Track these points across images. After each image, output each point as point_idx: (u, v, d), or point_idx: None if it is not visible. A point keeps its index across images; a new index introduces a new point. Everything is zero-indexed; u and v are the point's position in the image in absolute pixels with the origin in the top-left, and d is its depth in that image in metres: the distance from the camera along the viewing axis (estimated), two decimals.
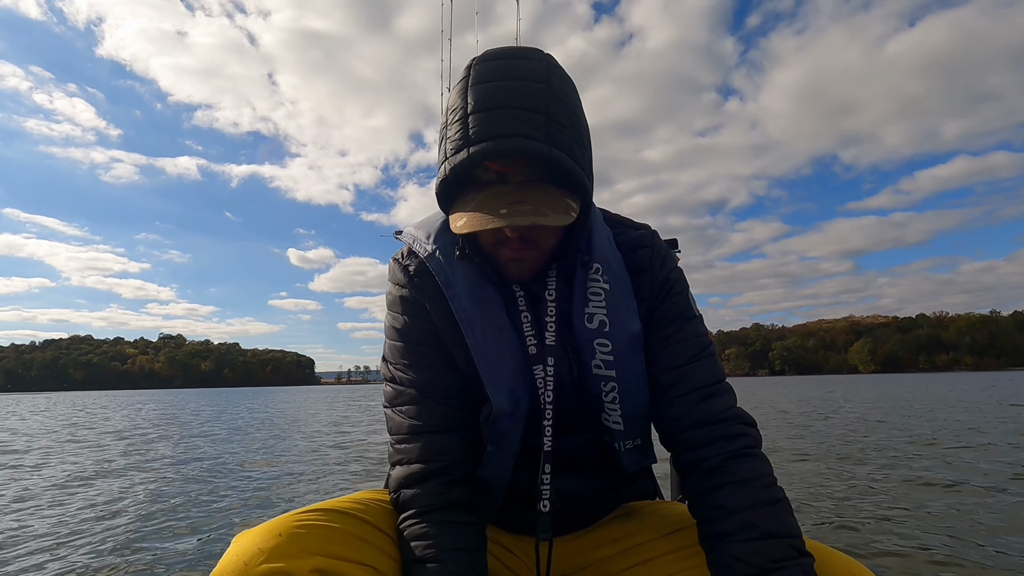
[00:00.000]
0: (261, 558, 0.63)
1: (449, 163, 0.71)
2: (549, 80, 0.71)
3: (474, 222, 0.69)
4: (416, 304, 0.83)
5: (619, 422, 0.83)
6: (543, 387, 0.81)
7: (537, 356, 0.82)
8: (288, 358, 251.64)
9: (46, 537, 3.00)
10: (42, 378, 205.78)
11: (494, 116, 0.68)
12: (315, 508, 0.72)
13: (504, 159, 0.70)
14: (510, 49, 0.75)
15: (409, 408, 0.81)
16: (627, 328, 0.81)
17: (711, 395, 0.79)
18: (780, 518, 0.70)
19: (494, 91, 0.70)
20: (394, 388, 0.84)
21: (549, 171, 0.71)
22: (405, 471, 0.79)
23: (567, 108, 0.72)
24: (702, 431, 0.78)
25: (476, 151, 0.68)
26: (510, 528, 0.92)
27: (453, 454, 0.79)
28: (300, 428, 10.31)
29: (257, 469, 5.39)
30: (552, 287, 0.83)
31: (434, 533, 0.73)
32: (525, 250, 0.76)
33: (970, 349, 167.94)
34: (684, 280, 0.88)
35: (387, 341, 0.86)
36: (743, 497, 0.71)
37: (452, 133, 0.71)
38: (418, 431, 0.80)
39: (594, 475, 0.90)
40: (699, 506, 0.75)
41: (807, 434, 7.15)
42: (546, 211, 0.68)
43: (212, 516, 3.43)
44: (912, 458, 4.94)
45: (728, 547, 0.69)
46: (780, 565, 0.65)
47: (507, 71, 0.71)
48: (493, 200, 0.70)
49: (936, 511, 3.09)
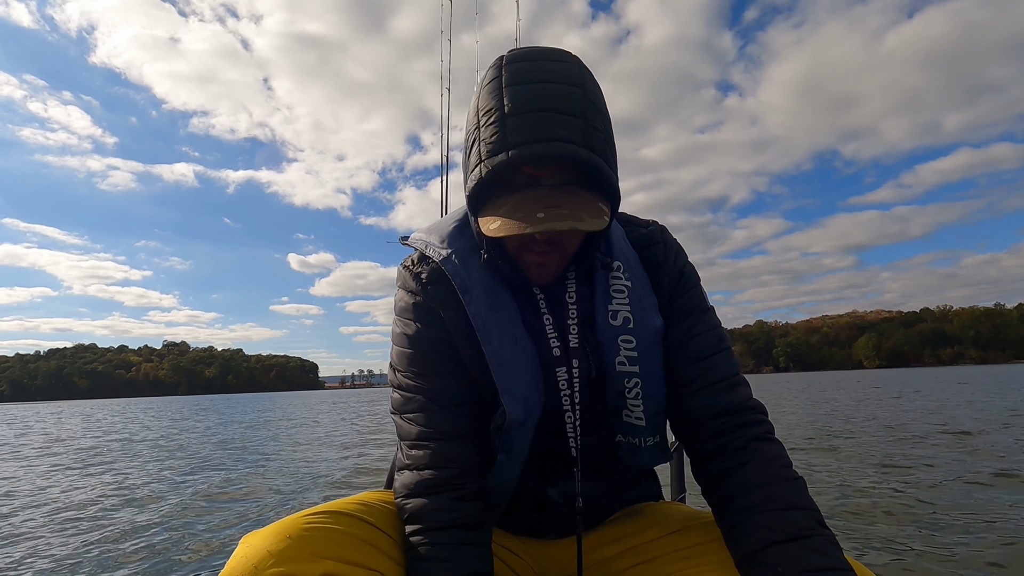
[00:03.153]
0: (270, 561, 0.63)
1: (486, 165, 0.70)
2: (584, 84, 0.72)
3: (510, 226, 0.69)
4: (429, 311, 0.82)
5: (641, 418, 0.83)
6: (568, 389, 0.82)
7: (561, 358, 0.82)
8: (292, 363, 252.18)
9: (48, 538, 3.02)
10: (47, 387, 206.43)
11: (534, 119, 0.68)
12: (322, 510, 0.72)
13: (543, 163, 0.70)
14: (541, 50, 0.75)
15: (418, 415, 0.81)
16: (651, 324, 0.83)
17: (734, 386, 0.81)
18: (802, 493, 0.72)
19: (531, 93, 0.70)
20: (402, 395, 0.83)
21: (582, 175, 0.72)
22: (415, 477, 0.78)
23: (601, 112, 0.73)
24: (727, 419, 0.79)
25: (516, 154, 0.68)
26: (514, 530, 0.92)
27: (463, 462, 0.79)
28: (304, 429, 10.37)
29: (265, 469, 5.39)
30: (572, 289, 0.83)
31: (446, 556, 0.73)
32: (551, 254, 0.77)
33: (975, 342, 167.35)
34: (696, 273, 0.90)
35: (395, 348, 0.85)
36: (767, 473, 0.73)
37: (488, 135, 0.71)
38: (429, 437, 0.79)
39: (602, 477, 0.91)
40: (721, 486, 0.76)
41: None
42: (582, 215, 0.68)
43: (218, 516, 3.44)
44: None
45: (756, 517, 0.69)
46: (807, 532, 0.67)
47: (543, 73, 0.71)
48: (529, 203, 0.69)
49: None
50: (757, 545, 0.68)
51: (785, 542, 0.66)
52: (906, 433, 6.54)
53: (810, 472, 4.30)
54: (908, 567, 2.24)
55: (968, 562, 2.26)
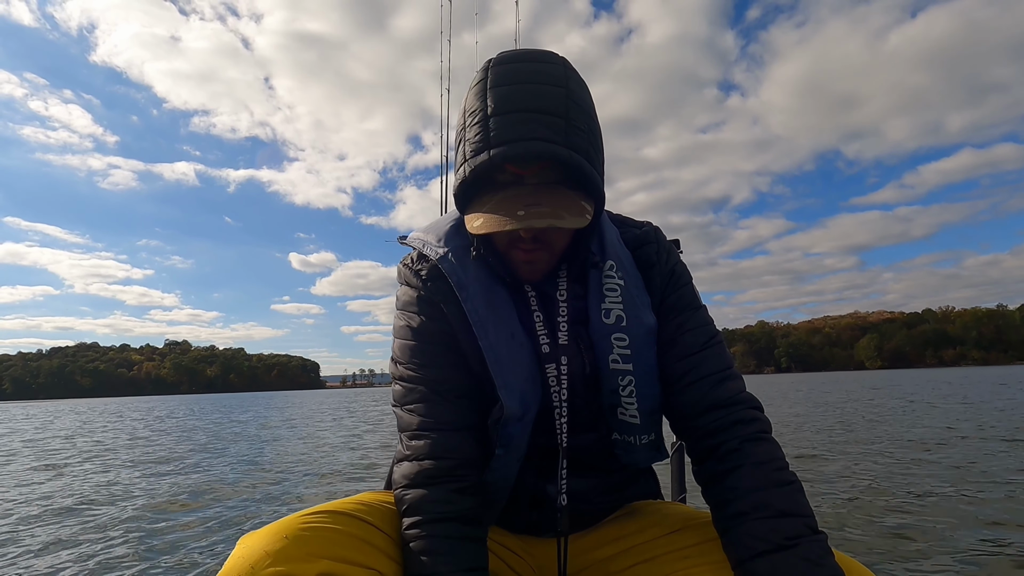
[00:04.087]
0: (267, 561, 0.63)
1: (469, 164, 0.73)
2: (567, 84, 0.74)
3: (491, 223, 0.71)
4: (433, 304, 0.83)
5: (636, 416, 0.84)
6: (556, 385, 0.83)
7: (550, 355, 0.83)
8: (293, 362, 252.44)
9: (49, 538, 3.02)
10: (49, 386, 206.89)
11: (515, 119, 0.70)
12: (320, 510, 0.72)
13: (524, 162, 0.72)
14: (527, 52, 0.77)
15: (419, 406, 0.81)
16: (643, 322, 0.83)
17: (724, 379, 0.81)
18: (793, 498, 0.71)
19: (514, 94, 0.72)
20: (404, 386, 0.83)
21: (565, 174, 0.73)
22: (414, 467, 0.78)
23: (584, 112, 0.74)
24: (718, 414, 0.79)
25: (497, 153, 0.70)
26: (513, 529, 0.92)
27: (464, 453, 0.79)
28: (304, 429, 10.35)
29: (263, 469, 5.39)
30: (563, 287, 0.84)
31: (445, 549, 0.72)
32: (538, 251, 0.78)
33: (977, 343, 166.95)
34: (688, 272, 0.91)
35: (397, 341, 0.86)
36: (757, 478, 0.73)
37: (472, 135, 0.73)
38: (429, 428, 0.80)
39: (600, 475, 0.92)
40: (715, 489, 0.76)
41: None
42: (563, 213, 0.70)
43: (216, 516, 3.43)
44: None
45: (744, 526, 0.70)
46: (795, 541, 0.66)
47: (526, 74, 0.73)
48: (510, 202, 0.71)
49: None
50: (746, 554, 0.68)
51: (772, 552, 0.67)
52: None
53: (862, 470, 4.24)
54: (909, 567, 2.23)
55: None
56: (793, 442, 6.15)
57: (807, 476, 4.15)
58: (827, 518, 2.97)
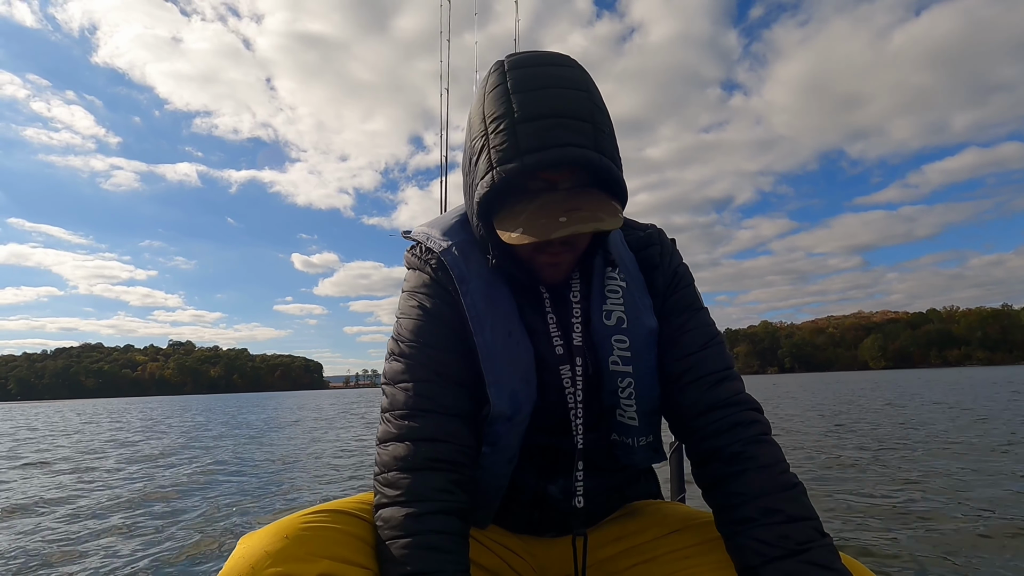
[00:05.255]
0: (268, 561, 0.63)
1: (499, 171, 0.71)
2: (589, 88, 0.74)
3: (535, 231, 0.70)
4: (443, 288, 0.83)
5: (634, 418, 0.84)
6: (571, 387, 0.83)
7: (564, 356, 0.83)
8: (296, 363, 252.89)
9: (50, 538, 3.03)
10: (54, 386, 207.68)
11: (546, 125, 0.70)
12: (320, 509, 0.71)
13: (558, 168, 0.71)
14: (543, 55, 0.76)
15: (419, 384, 0.78)
16: (644, 324, 0.84)
17: (723, 380, 0.81)
18: (800, 502, 0.71)
19: (541, 99, 0.71)
20: (403, 363, 0.80)
21: (594, 177, 0.74)
22: (406, 449, 0.75)
23: (606, 115, 0.74)
24: (717, 415, 0.79)
25: (531, 160, 0.69)
26: (514, 529, 0.92)
27: (463, 441, 0.77)
28: (304, 429, 10.38)
29: (265, 469, 5.41)
30: (576, 288, 0.85)
31: (451, 546, 0.71)
32: (565, 253, 0.78)
33: (982, 343, 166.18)
34: (690, 273, 0.91)
35: (403, 320, 0.84)
36: (764, 482, 0.72)
37: (498, 141, 0.71)
38: (430, 409, 0.77)
39: (601, 475, 0.91)
40: (719, 493, 0.76)
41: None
42: (602, 215, 0.70)
43: (216, 516, 3.44)
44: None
45: (753, 531, 0.70)
46: (806, 547, 0.67)
47: (550, 79, 0.72)
48: (549, 208, 0.71)
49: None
50: (756, 560, 0.69)
51: (783, 558, 0.67)
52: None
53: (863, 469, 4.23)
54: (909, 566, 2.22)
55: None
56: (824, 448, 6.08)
57: (809, 477, 4.13)
58: (827, 518, 2.96)
